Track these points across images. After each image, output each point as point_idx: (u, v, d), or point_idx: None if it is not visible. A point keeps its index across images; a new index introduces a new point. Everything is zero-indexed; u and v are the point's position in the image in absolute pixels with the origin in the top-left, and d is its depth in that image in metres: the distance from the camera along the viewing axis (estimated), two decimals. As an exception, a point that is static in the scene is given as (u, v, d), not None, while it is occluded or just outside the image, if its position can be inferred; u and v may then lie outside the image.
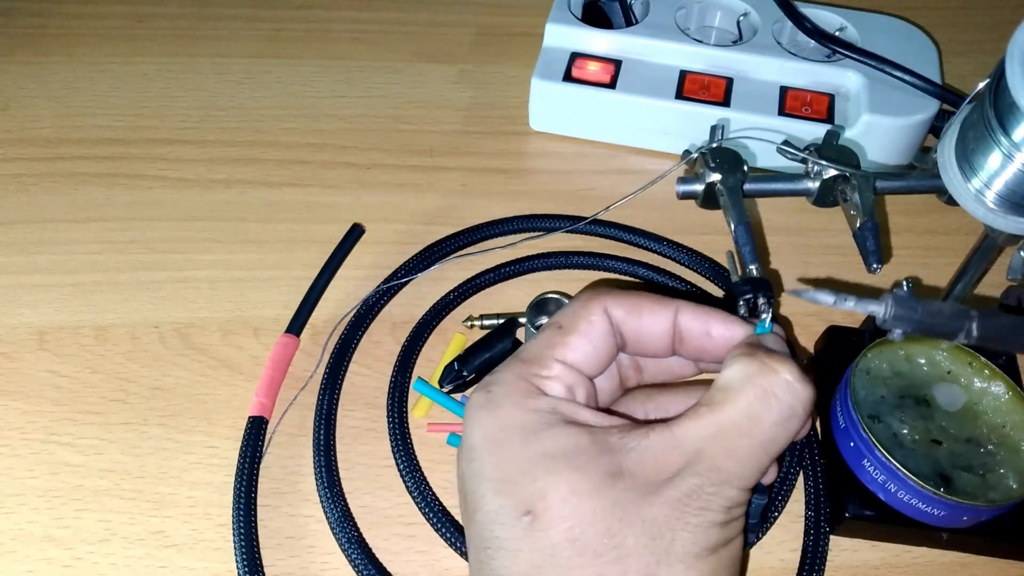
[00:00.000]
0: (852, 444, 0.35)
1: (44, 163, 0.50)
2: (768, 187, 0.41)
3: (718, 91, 0.49)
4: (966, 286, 0.38)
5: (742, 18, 0.54)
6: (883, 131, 0.48)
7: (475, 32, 0.60)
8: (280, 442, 0.38)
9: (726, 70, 0.50)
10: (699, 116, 0.49)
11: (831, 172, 0.39)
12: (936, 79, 0.49)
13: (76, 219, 0.47)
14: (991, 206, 0.31)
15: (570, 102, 0.50)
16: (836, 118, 0.49)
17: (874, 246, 0.37)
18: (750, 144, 0.48)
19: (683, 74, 0.50)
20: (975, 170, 0.31)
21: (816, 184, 0.39)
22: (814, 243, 0.48)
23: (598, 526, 0.24)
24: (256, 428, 0.37)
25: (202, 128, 0.52)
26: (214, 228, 0.47)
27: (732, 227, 0.38)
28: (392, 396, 0.39)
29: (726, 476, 0.24)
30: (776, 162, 0.43)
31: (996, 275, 0.38)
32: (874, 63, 0.49)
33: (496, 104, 0.55)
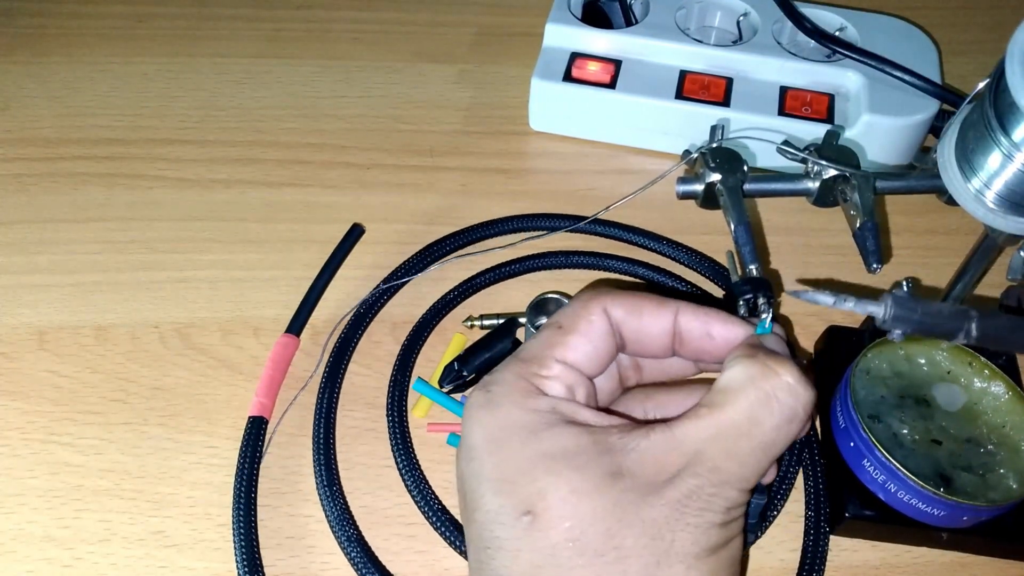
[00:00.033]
0: (852, 444, 0.35)
1: (44, 163, 0.50)
2: (768, 187, 0.41)
3: (718, 91, 0.49)
4: (966, 286, 0.38)
5: (742, 18, 0.54)
6: (883, 131, 0.48)
7: (475, 32, 0.60)
8: (280, 442, 0.38)
9: (726, 70, 0.50)
10: (699, 116, 0.49)
11: (831, 172, 0.39)
12: (936, 79, 0.49)
13: (76, 219, 0.47)
14: (991, 206, 0.31)
15: (570, 102, 0.50)
16: (836, 118, 0.49)
17: (874, 246, 0.37)
18: (750, 144, 0.48)
19: (683, 74, 0.50)
20: (975, 170, 0.31)
21: (816, 184, 0.39)
22: (814, 243, 0.48)
23: (598, 526, 0.23)
24: (256, 428, 0.37)
25: (202, 128, 0.52)
26: (214, 228, 0.47)
27: (732, 227, 0.38)
28: (392, 395, 0.39)
29: (726, 477, 0.24)
30: (776, 162, 0.43)
31: (996, 275, 0.38)
32: (874, 63, 0.49)
33: (496, 104, 0.55)
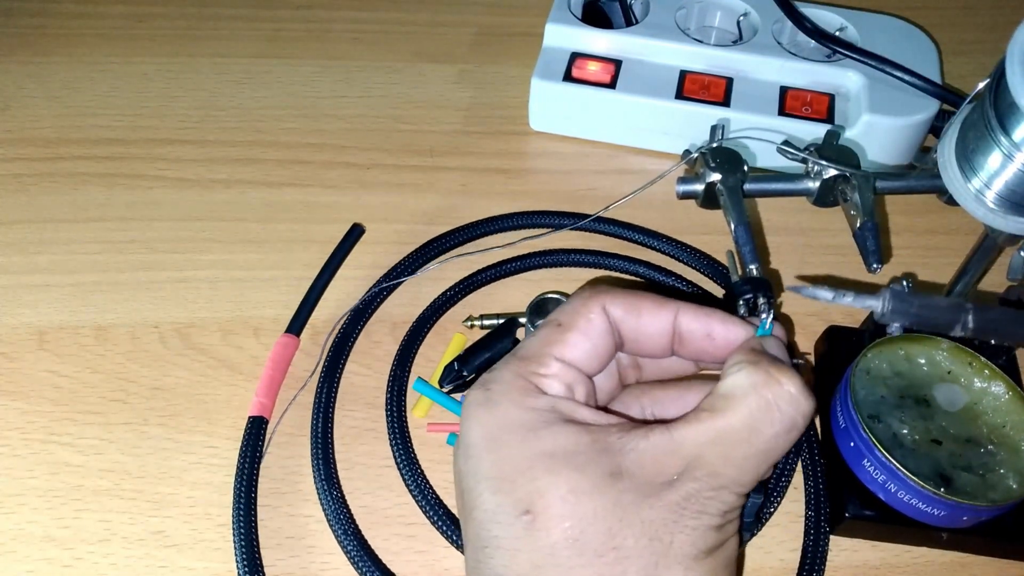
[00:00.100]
0: (852, 444, 0.35)
1: (44, 163, 0.50)
2: (768, 187, 0.41)
3: (718, 91, 0.49)
4: (966, 286, 0.38)
5: (742, 18, 0.54)
6: (883, 131, 0.48)
7: (475, 32, 0.60)
8: (280, 442, 0.38)
9: (726, 70, 0.50)
10: (699, 116, 0.49)
11: (831, 172, 0.39)
12: (936, 79, 0.49)
13: (76, 219, 0.47)
14: (991, 206, 0.31)
15: (570, 102, 0.50)
16: (836, 118, 0.49)
17: (874, 246, 0.37)
18: (750, 144, 0.48)
19: (683, 74, 0.50)
20: (975, 170, 0.31)
21: (816, 184, 0.39)
22: (814, 243, 0.48)
23: (598, 526, 0.23)
24: (256, 428, 0.37)
25: (202, 128, 0.52)
26: (214, 228, 0.47)
27: (732, 227, 0.38)
28: (391, 390, 0.39)
29: (724, 481, 0.24)
30: (776, 162, 0.43)
31: (996, 275, 0.38)
32: (874, 63, 0.49)
33: (496, 104, 0.55)
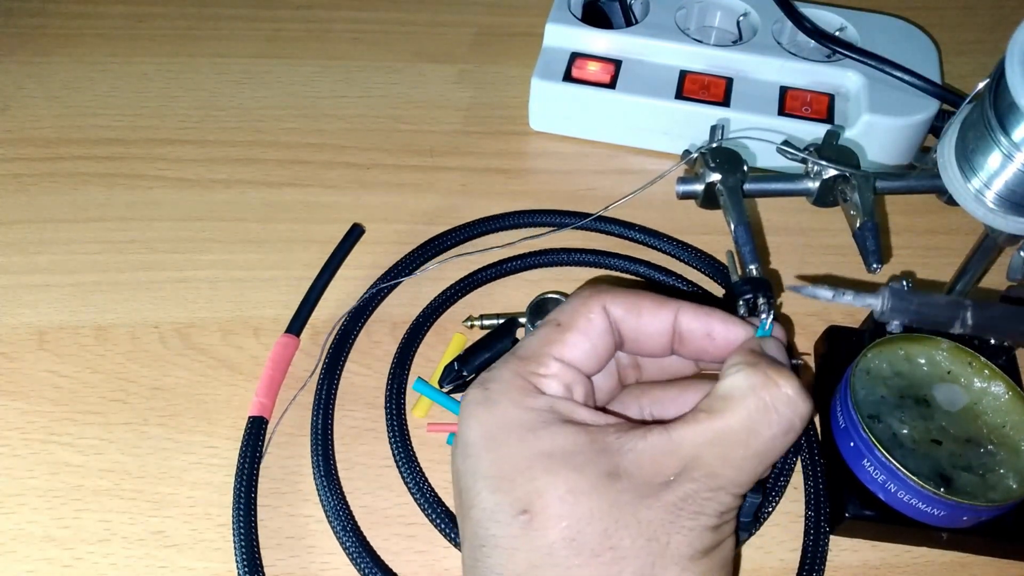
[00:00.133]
0: (852, 444, 0.35)
1: (44, 163, 0.50)
2: (768, 187, 0.41)
3: (718, 91, 0.49)
4: (966, 286, 0.38)
5: (742, 18, 0.54)
6: (883, 131, 0.48)
7: (475, 32, 0.60)
8: (280, 442, 0.38)
9: (726, 70, 0.50)
10: (699, 116, 0.49)
11: (831, 172, 0.39)
12: (936, 79, 0.49)
13: (76, 219, 0.47)
14: (991, 206, 0.31)
15: (570, 102, 0.50)
16: (836, 118, 0.49)
17: (874, 246, 0.37)
18: (750, 144, 0.48)
19: (683, 74, 0.50)
20: (975, 170, 0.31)
21: (816, 184, 0.39)
22: (814, 243, 0.48)
23: (595, 526, 0.24)
24: (256, 428, 0.37)
25: (202, 128, 0.52)
26: (214, 228, 0.47)
27: (732, 227, 0.38)
28: (390, 388, 0.39)
29: (721, 482, 0.24)
30: (776, 162, 0.43)
31: (996, 275, 0.38)
32: (874, 63, 0.49)
33: (496, 104, 0.55)
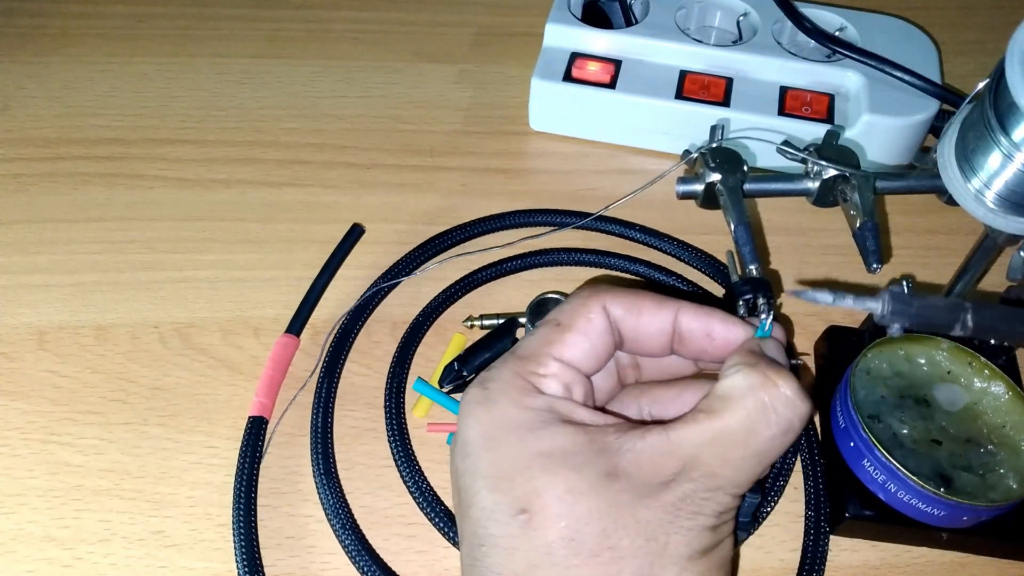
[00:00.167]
0: (852, 444, 0.35)
1: (44, 163, 0.50)
2: (768, 187, 0.41)
3: (718, 91, 0.49)
4: (966, 286, 0.38)
5: (742, 18, 0.54)
6: (883, 131, 0.48)
7: (475, 32, 0.60)
8: (280, 442, 0.38)
9: (726, 70, 0.50)
10: (699, 116, 0.49)
11: (831, 172, 0.39)
12: (936, 79, 0.49)
13: (76, 219, 0.47)
14: (991, 206, 0.31)
15: (570, 102, 0.50)
16: (836, 118, 0.49)
17: (874, 246, 0.37)
18: (750, 144, 0.48)
19: (683, 74, 0.50)
20: (975, 170, 0.31)
21: (816, 184, 0.39)
22: (814, 243, 0.48)
23: (594, 526, 0.24)
24: (256, 428, 0.37)
25: (202, 128, 0.52)
26: (214, 228, 0.47)
27: (732, 227, 0.38)
28: (390, 388, 0.39)
29: (720, 483, 0.24)
30: (776, 162, 0.43)
31: (996, 275, 0.38)
32: (874, 63, 0.49)
33: (496, 104, 0.55)
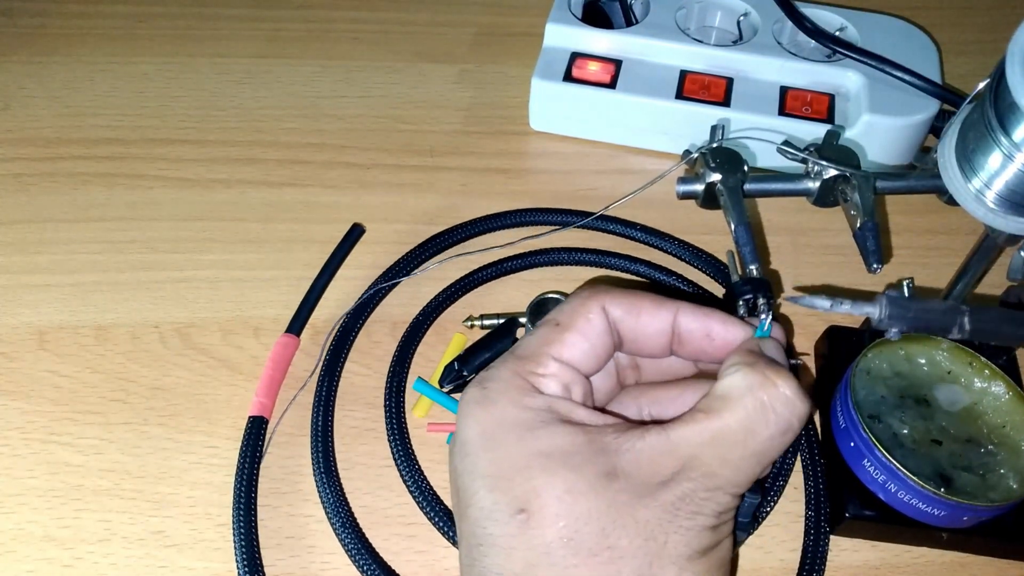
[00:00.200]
0: (852, 444, 0.35)
1: (44, 163, 0.50)
2: (768, 187, 0.41)
3: (718, 91, 0.49)
4: (966, 286, 0.38)
5: (742, 18, 0.54)
6: (883, 131, 0.48)
7: (475, 32, 0.60)
8: (280, 442, 0.38)
9: (726, 70, 0.50)
10: (699, 116, 0.49)
11: (831, 172, 0.39)
12: (936, 79, 0.49)
13: (76, 219, 0.47)
14: (991, 206, 0.31)
15: (570, 102, 0.50)
16: (836, 118, 0.49)
17: (874, 246, 0.37)
18: (750, 144, 0.48)
19: (683, 74, 0.50)
20: (975, 170, 0.31)
21: (816, 184, 0.39)
22: (814, 243, 0.48)
23: (593, 526, 0.24)
24: (256, 428, 0.37)
25: (202, 128, 0.52)
26: (214, 228, 0.47)
27: (732, 227, 0.38)
28: (390, 388, 0.39)
29: (719, 482, 0.24)
30: (776, 162, 0.43)
31: (996, 275, 0.38)
32: (874, 63, 0.49)
33: (496, 104, 0.55)
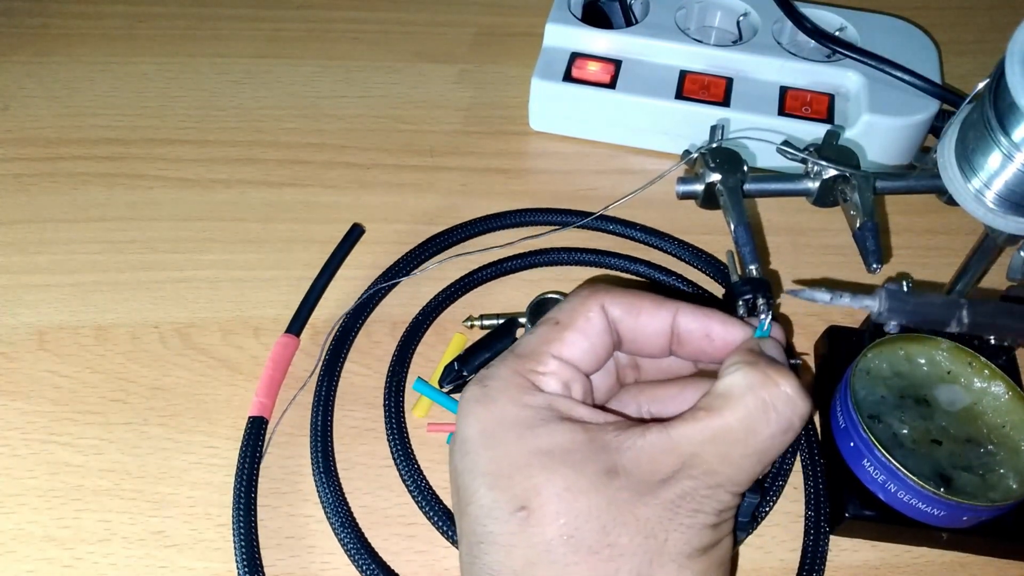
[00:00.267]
0: (852, 444, 0.35)
1: (44, 163, 0.50)
2: (768, 187, 0.41)
3: (718, 91, 0.49)
4: (966, 286, 0.38)
5: (742, 18, 0.54)
6: (883, 131, 0.48)
7: (475, 32, 0.60)
8: (280, 442, 0.38)
9: (726, 70, 0.50)
10: (699, 116, 0.49)
11: (831, 172, 0.39)
12: (936, 79, 0.49)
13: (76, 219, 0.47)
14: (991, 206, 0.31)
15: (570, 102, 0.50)
16: (836, 118, 0.49)
17: (874, 246, 0.37)
18: (750, 144, 0.48)
19: (683, 74, 0.50)
20: (975, 170, 0.31)
21: (816, 184, 0.39)
22: (814, 243, 0.48)
23: (593, 523, 0.24)
24: (256, 428, 0.37)
25: (202, 128, 0.52)
26: (214, 228, 0.47)
27: (732, 227, 0.38)
28: (390, 388, 0.39)
29: (720, 480, 0.24)
30: (776, 162, 0.43)
31: (996, 275, 0.38)
32: (874, 63, 0.49)
33: (496, 104, 0.55)
